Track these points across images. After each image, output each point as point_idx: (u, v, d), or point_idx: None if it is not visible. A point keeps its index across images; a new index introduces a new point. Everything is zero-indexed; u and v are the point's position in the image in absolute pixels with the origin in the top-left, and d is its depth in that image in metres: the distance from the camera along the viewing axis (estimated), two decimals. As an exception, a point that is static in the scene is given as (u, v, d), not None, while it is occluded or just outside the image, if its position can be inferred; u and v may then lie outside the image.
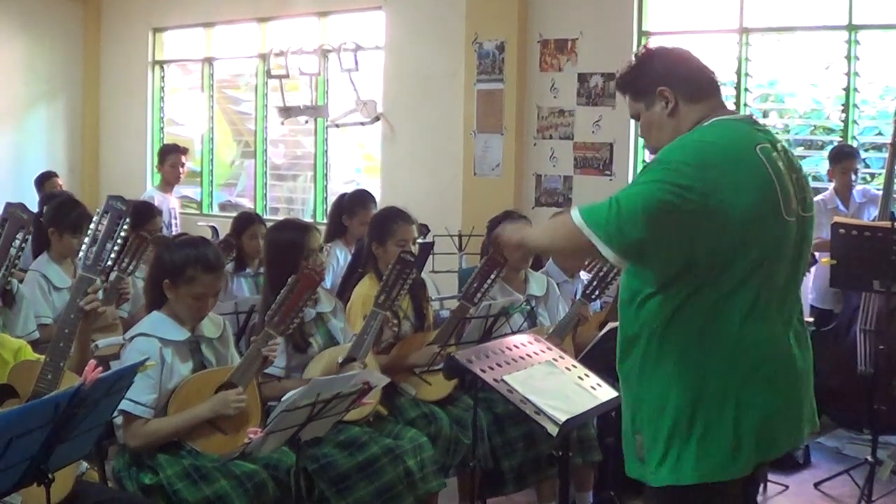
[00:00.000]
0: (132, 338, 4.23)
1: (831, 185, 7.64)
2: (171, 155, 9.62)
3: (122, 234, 3.80)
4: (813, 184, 5.15)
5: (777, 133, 7.00)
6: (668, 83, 3.18)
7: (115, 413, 3.86)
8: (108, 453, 4.61)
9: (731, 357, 3.00)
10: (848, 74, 8.00)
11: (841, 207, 7.49)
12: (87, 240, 3.77)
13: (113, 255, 3.80)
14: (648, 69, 3.25)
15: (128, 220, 3.83)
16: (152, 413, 4.13)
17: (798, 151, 8.38)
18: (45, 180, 10.23)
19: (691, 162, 2.95)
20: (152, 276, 4.39)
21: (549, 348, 4.32)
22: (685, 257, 2.97)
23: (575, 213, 3.02)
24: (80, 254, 3.77)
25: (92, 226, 3.79)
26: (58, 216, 5.75)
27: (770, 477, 6.06)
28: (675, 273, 3.01)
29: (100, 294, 3.85)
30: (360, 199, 7.37)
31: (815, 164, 8.45)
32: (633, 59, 3.34)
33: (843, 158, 7.58)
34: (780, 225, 3.03)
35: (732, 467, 3.02)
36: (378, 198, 9.01)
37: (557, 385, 3.97)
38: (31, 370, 3.69)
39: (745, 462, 3.03)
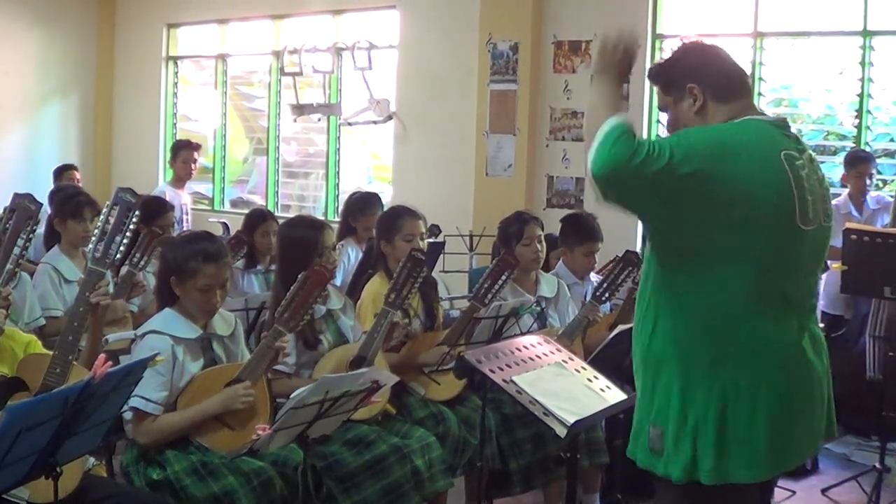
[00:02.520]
0: (143, 334, 4.23)
1: (845, 191, 7.62)
2: (183, 150, 9.63)
3: (132, 226, 3.81)
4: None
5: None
6: (697, 80, 3.17)
7: (125, 409, 3.87)
8: (116, 448, 4.62)
9: (753, 363, 3.00)
10: (862, 80, 7.97)
11: (854, 213, 7.48)
12: (96, 233, 3.78)
13: (122, 249, 3.81)
14: (681, 63, 3.25)
15: (137, 212, 3.84)
16: (162, 410, 4.13)
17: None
18: (62, 172, 10.22)
19: (709, 145, 2.94)
20: (160, 275, 4.40)
21: (559, 350, 4.31)
22: (713, 273, 2.99)
23: (613, 123, 2.94)
24: (89, 247, 3.78)
25: (101, 218, 3.80)
26: (58, 206, 5.81)
27: (777, 482, 6.04)
28: (678, 256, 3.03)
29: (110, 288, 3.86)
30: (364, 202, 7.31)
31: (828, 170, 8.42)
32: (670, 51, 3.33)
33: (859, 163, 7.57)
34: (793, 232, 3.01)
35: (752, 470, 3.03)
36: (389, 197, 9.04)
37: (566, 386, 3.97)
38: (39, 363, 3.70)
39: (764, 465, 3.04)
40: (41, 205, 3.96)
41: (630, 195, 2.99)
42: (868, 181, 7.54)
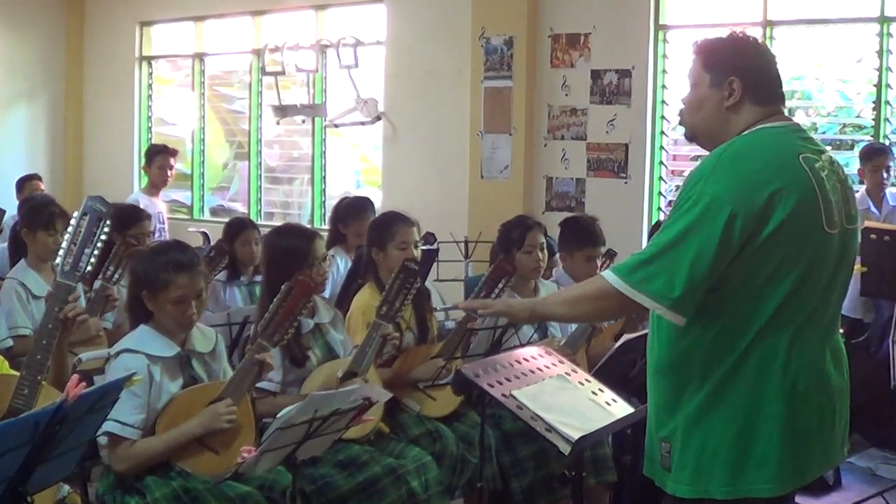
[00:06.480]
0: (118, 353, 4.21)
1: (863, 187, 7.63)
2: (159, 156, 9.59)
3: (103, 237, 3.79)
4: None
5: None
6: (742, 76, 3.18)
7: (100, 433, 3.85)
8: (92, 475, 4.60)
9: (770, 374, 3.05)
10: (879, 69, 7.99)
11: (873, 210, 7.49)
12: (64, 244, 3.77)
13: (93, 261, 3.80)
14: (733, 52, 3.24)
15: (108, 222, 3.82)
16: (140, 434, 4.10)
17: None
18: (24, 183, 10.22)
19: (735, 191, 2.98)
20: (131, 291, 4.37)
21: (561, 361, 4.29)
22: (739, 284, 3.04)
23: (622, 284, 3.09)
24: (58, 260, 3.77)
25: (70, 229, 3.78)
26: (28, 215, 5.77)
27: (798, 499, 6.01)
28: (721, 296, 3.07)
29: (81, 302, 3.84)
30: (355, 207, 7.31)
31: (845, 165, 8.42)
32: (733, 33, 3.32)
33: (874, 156, 7.58)
34: (821, 238, 3.07)
35: (766, 485, 3.09)
36: (379, 202, 9.02)
37: (570, 400, 3.95)
38: (6, 385, 3.67)
39: (777, 480, 3.09)
40: (4, 212, 3.94)
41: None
42: (885, 175, 7.56)
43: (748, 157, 3.04)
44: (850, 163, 8.24)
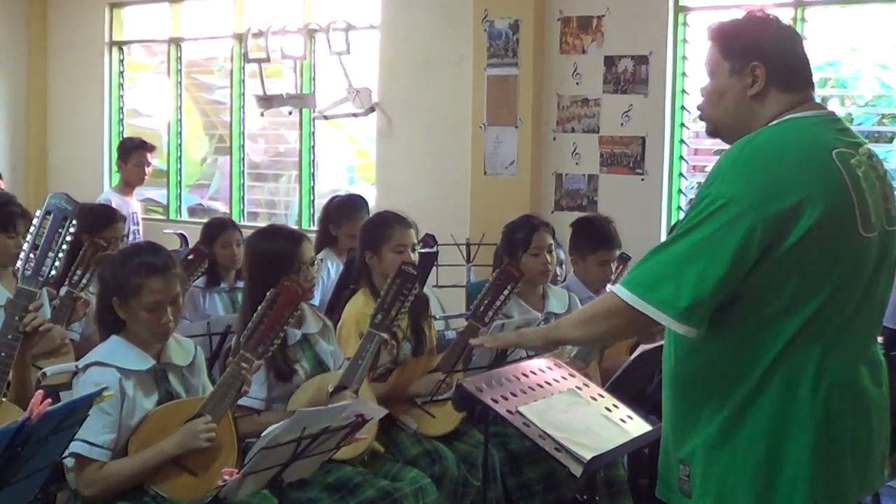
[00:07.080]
0: (86, 366, 4.20)
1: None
2: (135, 152, 9.55)
3: (68, 238, 3.79)
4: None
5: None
6: (765, 60, 3.15)
7: (66, 454, 3.84)
8: (57, 500, 4.59)
9: (798, 392, 3.03)
10: (922, 54, 7.99)
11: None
12: (25, 247, 3.76)
13: (58, 264, 3.79)
14: (754, 34, 3.22)
15: (74, 221, 3.82)
16: (110, 455, 4.10)
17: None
18: None
19: (755, 193, 2.95)
20: (100, 298, 4.37)
21: (572, 375, 4.31)
22: (762, 295, 3.02)
23: (629, 295, 3.06)
24: (19, 263, 3.77)
25: (32, 230, 3.78)
26: None
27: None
28: (741, 308, 3.05)
29: (46, 311, 3.83)
30: (347, 206, 7.31)
31: (885, 159, 8.42)
32: (750, 13, 3.32)
33: (916, 148, 7.59)
34: (857, 243, 3.03)
35: None
36: (373, 201, 9.02)
37: (582, 417, 3.96)
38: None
39: None
40: None
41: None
42: (929, 170, 7.56)
43: (772, 154, 3.01)
44: (889, 157, 8.25)
